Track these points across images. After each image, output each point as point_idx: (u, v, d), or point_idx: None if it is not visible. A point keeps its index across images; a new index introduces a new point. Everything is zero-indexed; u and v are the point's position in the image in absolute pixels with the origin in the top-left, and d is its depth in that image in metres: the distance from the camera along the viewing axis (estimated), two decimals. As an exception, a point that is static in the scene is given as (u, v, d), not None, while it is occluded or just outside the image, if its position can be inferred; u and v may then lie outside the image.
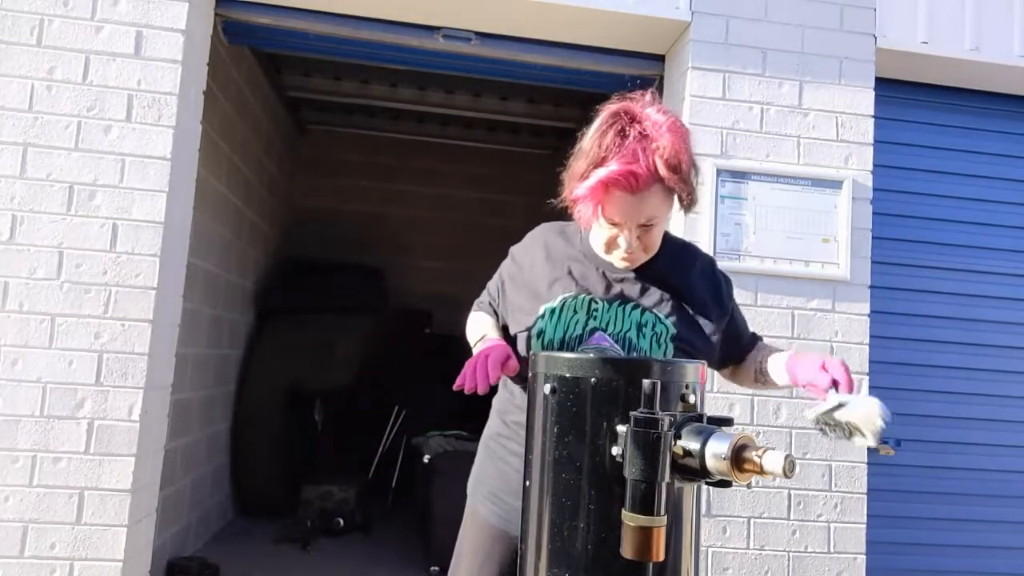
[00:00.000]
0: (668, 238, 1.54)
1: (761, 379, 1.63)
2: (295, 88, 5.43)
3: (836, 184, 2.77)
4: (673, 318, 1.46)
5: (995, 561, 2.96)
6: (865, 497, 2.70)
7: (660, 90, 3.11)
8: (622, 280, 1.49)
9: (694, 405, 0.96)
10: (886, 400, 3.18)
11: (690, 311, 1.49)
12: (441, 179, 6.79)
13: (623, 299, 1.47)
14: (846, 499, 2.68)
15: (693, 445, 0.85)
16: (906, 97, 3.09)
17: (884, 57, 2.88)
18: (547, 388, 0.97)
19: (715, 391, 2.64)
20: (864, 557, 2.68)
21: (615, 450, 0.90)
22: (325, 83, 5.32)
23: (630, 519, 0.83)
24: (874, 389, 2.78)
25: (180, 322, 2.72)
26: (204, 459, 4.36)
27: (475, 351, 1.48)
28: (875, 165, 2.83)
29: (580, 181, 1.36)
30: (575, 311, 1.45)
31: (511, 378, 1.55)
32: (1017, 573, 2.96)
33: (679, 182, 1.35)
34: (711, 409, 1.50)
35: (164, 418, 2.65)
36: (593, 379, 0.93)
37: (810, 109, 2.80)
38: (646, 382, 0.86)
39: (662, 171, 1.33)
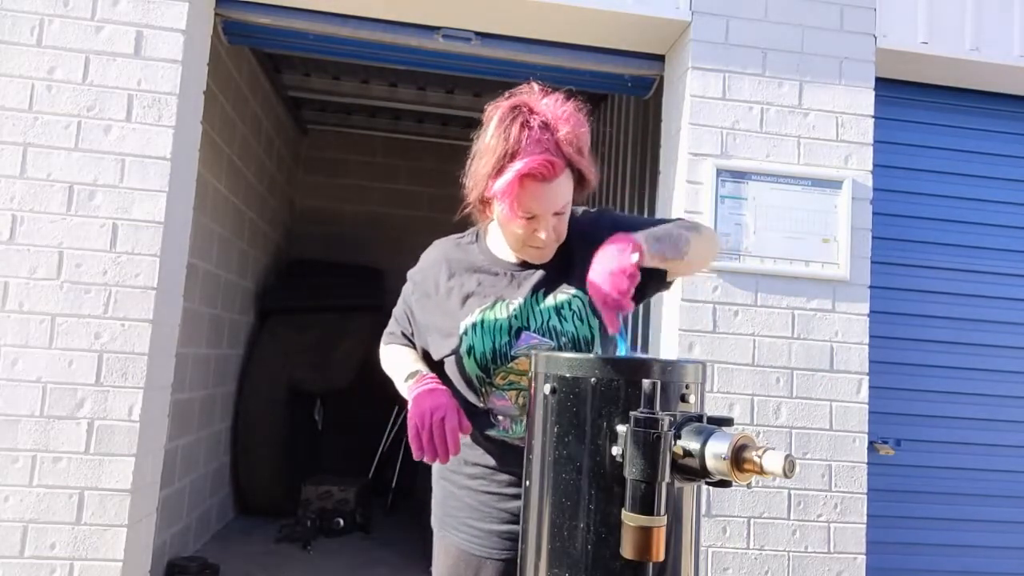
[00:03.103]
0: None
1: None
2: (295, 88, 5.43)
3: (836, 184, 2.77)
4: (582, 289, 1.46)
5: (995, 561, 2.96)
6: (865, 497, 2.70)
7: (660, 90, 3.11)
8: (527, 275, 1.51)
9: (694, 405, 0.96)
10: (886, 400, 3.19)
11: None
12: (441, 179, 6.79)
13: (534, 291, 1.49)
14: (846, 499, 2.68)
15: (693, 445, 0.85)
16: (906, 97, 3.09)
17: (884, 57, 2.88)
18: (547, 388, 0.97)
19: (715, 391, 2.65)
20: (864, 557, 2.68)
21: (615, 450, 0.90)
22: (325, 83, 5.32)
23: (630, 519, 0.83)
24: (874, 389, 2.78)
25: (180, 322, 2.72)
26: (204, 459, 4.36)
27: (408, 389, 1.46)
28: (875, 165, 2.83)
29: (495, 178, 1.36)
30: (496, 318, 1.46)
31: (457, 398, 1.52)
32: (1017, 573, 2.96)
33: (585, 163, 1.41)
34: (711, 409, 1.50)
35: (164, 418, 2.65)
36: (593, 379, 0.93)
37: (810, 109, 2.80)
38: (646, 382, 0.86)
39: (572, 156, 1.38)
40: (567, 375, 0.95)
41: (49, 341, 2.36)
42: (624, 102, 4.08)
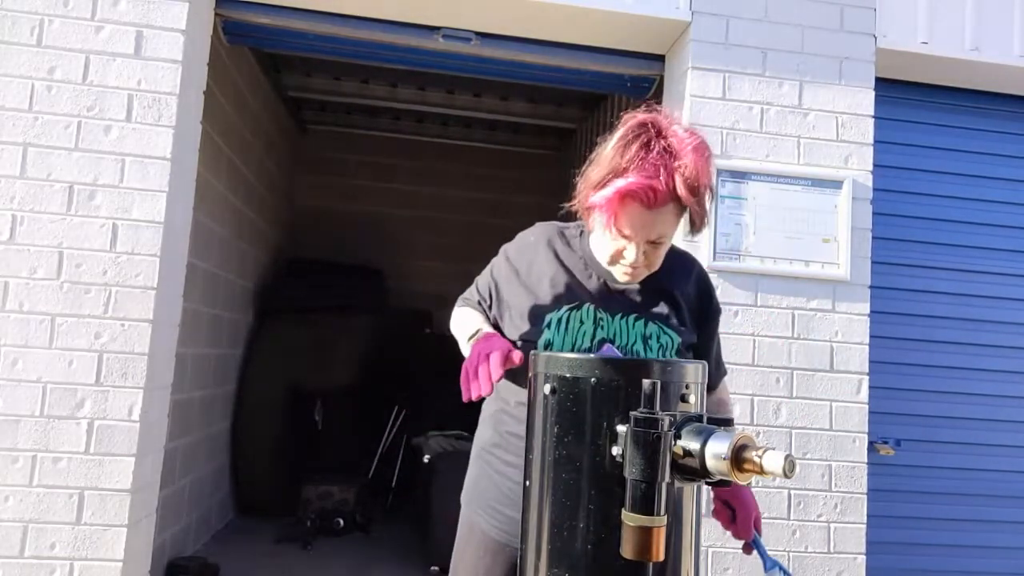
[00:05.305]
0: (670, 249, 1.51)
1: None
2: (295, 88, 5.43)
3: (836, 184, 2.77)
4: (677, 329, 1.46)
5: (995, 561, 2.96)
6: (865, 497, 2.70)
7: (660, 90, 3.11)
8: (624, 291, 1.47)
9: (694, 405, 0.96)
10: (886, 400, 3.19)
11: (688, 321, 1.49)
12: (441, 179, 6.79)
13: (627, 310, 1.45)
14: (846, 499, 2.68)
15: (693, 445, 0.85)
16: (906, 97, 3.09)
17: (884, 57, 2.88)
18: (547, 388, 0.97)
19: (715, 391, 2.64)
20: (864, 557, 2.68)
21: (615, 450, 0.89)
22: (325, 83, 5.32)
23: (630, 519, 0.83)
24: (874, 389, 2.78)
25: (180, 322, 2.72)
26: (204, 459, 4.36)
27: (469, 346, 1.41)
28: (875, 165, 2.83)
29: (597, 189, 1.33)
30: (581, 322, 1.43)
31: (511, 382, 1.50)
32: (1017, 573, 2.96)
33: (696, 204, 1.33)
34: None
35: (164, 418, 2.65)
36: (593, 379, 0.93)
37: (810, 109, 2.80)
38: (646, 382, 0.86)
39: (681, 191, 1.30)
40: (567, 375, 0.95)
41: (49, 341, 2.36)
42: (624, 102, 4.08)
